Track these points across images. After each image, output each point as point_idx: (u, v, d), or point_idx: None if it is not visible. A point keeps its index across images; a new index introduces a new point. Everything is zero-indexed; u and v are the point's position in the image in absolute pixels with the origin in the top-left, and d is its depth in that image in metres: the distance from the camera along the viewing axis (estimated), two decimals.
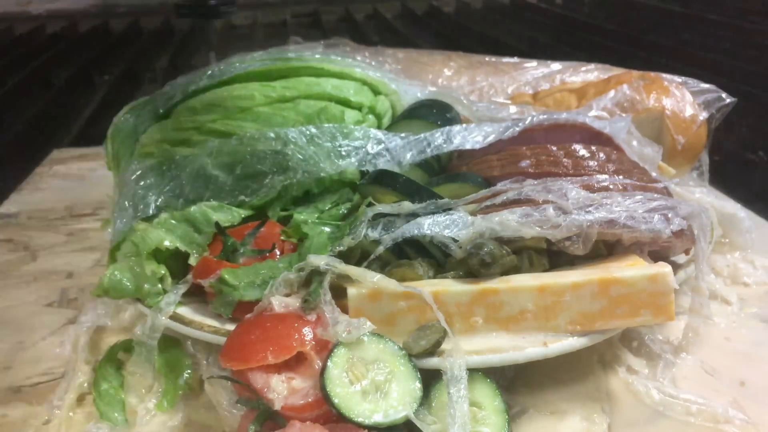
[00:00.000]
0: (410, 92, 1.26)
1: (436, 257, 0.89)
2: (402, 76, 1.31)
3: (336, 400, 0.72)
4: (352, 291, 0.82)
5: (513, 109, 1.21)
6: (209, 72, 1.18)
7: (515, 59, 1.57)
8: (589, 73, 1.45)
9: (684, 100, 1.29)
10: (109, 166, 1.20)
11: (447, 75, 1.47)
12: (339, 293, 0.83)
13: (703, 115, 1.29)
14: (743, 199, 1.40)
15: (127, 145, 1.14)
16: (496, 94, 1.40)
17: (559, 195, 0.88)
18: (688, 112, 1.28)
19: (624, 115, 1.25)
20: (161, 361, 0.91)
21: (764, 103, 2.25)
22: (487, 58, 1.60)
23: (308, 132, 1.05)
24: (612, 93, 1.29)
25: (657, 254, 0.93)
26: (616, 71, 1.45)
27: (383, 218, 0.91)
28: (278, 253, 0.96)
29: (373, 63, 1.31)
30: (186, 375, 0.91)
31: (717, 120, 1.30)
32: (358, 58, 1.32)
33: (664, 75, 1.35)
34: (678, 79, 1.35)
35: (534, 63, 1.54)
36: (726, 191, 1.44)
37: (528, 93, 1.41)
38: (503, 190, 0.94)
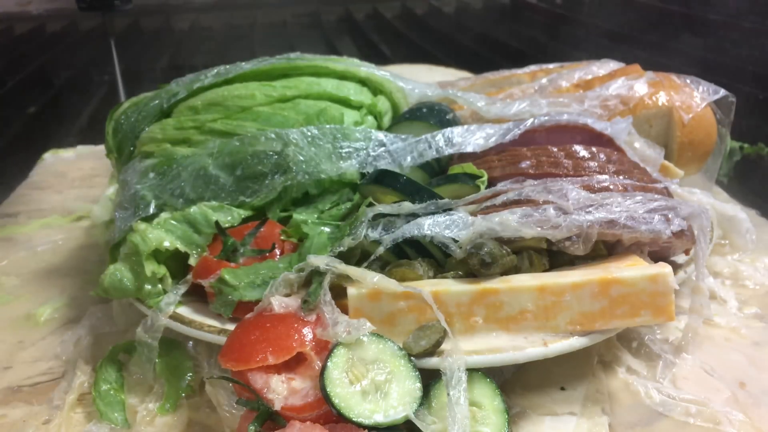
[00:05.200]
0: (419, 90, 1.26)
1: (436, 257, 0.89)
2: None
3: (336, 401, 0.72)
4: (352, 291, 0.82)
5: (523, 105, 1.20)
6: (215, 71, 1.18)
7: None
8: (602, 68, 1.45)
9: (693, 97, 1.29)
10: (109, 150, 1.19)
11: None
12: (339, 293, 0.83)
13: (706, 103, 1.28)
14: (743, 199, 1.40)
15: (128, 140, 1.14)
16: None
17: (559, 195, 0.88)
18: (697, 109, 1.28)
19: (626, 105, 1.25)
20: (163, 364, 0.91)
21: (764, 103, 2.25)
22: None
23: (309, 133, 1.05)
24: (617, 82, 1.29)
25: (657, 254, 0.93)
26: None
27: (383, 218, 0.91)
28: (278, 253, 0.97)
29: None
30: (188, 378, 0.91)
31: (729, 123, 1.31)
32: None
33: (673, 75, 1.36)
34: (686, 78, 1.35)
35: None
36: (726, 191, 1.44)
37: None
38: (503, 191, 0.94)
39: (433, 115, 1.17)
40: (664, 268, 0.82)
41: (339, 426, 0.72)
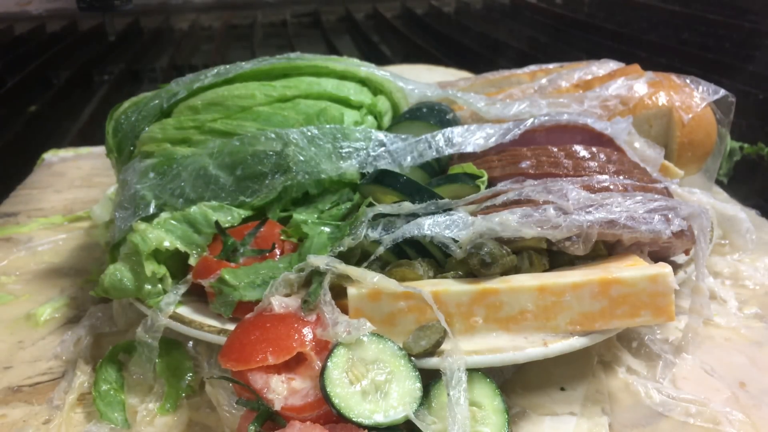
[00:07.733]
0: (419, 90, 1.26)
1: (436, 257, 0.89)
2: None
3: (336, 401, 0.72)
4: (352, 291, 0.82)
5: (523, 105, 1.20)
6: (215, 71, 1.18)
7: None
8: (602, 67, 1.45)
9: (693, 97, 1.29)
10: (109, 149, 1.19)
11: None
12: (339, 293, 0.83)
13: (706, 103, 1.29)
14: (743, 199, 1.40)
15: (128, 140, 1.14)
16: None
17: (559, 195, 0.88)
18: (697, 109, 1.28)
19: (625, 105, 1.25)
20: (163, 364, 0.91)
21: (764, 103, 2.25)
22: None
23: (309, 133, 1.05)
24: (617, 82, 1.29)
25: (657, 254, 0.93)
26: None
27: (383, 218, 0.91)
28: (278, 253, 0.97)
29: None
30: (188, 378, 0.91)
31: (729, 123, 1.31)
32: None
33: (673, 75, 1.36)
34: (686, 78, 1.35)
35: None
36: (726, 191, 1.44)
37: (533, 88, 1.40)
38: (504, 191, 0.94)
39: (433, 115, 1.17)
40: (664, 268, 0.82)
41: (339, 426, 0.72)
